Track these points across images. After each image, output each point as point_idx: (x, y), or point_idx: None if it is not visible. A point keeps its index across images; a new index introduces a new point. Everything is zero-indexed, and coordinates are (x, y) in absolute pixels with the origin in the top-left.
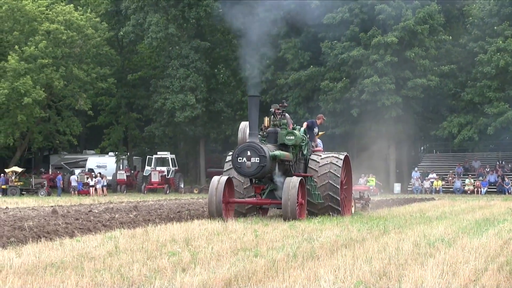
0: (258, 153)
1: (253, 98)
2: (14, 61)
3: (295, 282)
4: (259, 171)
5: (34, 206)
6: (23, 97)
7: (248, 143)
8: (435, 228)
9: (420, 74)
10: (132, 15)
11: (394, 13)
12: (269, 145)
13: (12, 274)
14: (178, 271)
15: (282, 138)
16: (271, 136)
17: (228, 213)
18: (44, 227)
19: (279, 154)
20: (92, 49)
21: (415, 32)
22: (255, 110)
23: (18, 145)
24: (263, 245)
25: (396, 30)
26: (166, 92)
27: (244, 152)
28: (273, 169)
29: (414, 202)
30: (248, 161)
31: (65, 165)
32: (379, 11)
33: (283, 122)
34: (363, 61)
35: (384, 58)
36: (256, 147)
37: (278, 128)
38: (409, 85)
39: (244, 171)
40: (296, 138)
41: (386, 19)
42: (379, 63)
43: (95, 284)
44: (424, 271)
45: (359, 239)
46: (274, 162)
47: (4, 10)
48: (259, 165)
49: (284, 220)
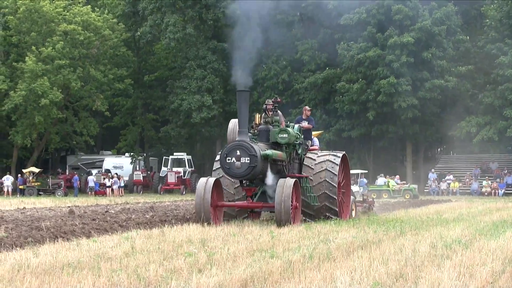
0: (248, 153)
1: (242, 93)
2: (32, 62)
3: (311, 283)
4: (249, 172)
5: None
6: (41, 98)
7: (237, 141)
8: (452, 230)
9: (437, 75)
10: (150, 16)
11: (411, 14)
12: (260, 144)
13: (30, 274)
14: (194, 271)
15: (275, 136)
16: (263, 134)
17: (217, 217)
18: (61, 227)
19: (271, 154)
20: (109, 50)
21: (432, 33)
22: (245, 106)
23: (36, 145)
24: (279, 246)
25: (413, 30)
26: (182, 93)
27: (233, 152)
28: (265, 169)
29: (430, 204)
30: (238, 161)
31: (82, 165)
32: (396, 12)
33: (275, 119)
34: (379, 61)
35: (400, 58)
36: (246, 146)
37: (270, 125)
38: (426, 86)
39: (233, 172)
40: (290, 136)
41: (403, 19)
42: (395, 64)
43: (111, 284)
44: (441, 273)
45: (375, 240)
46: (265, 162)
47: (22, 11)
48: (249, 166)
49: (277, 225)
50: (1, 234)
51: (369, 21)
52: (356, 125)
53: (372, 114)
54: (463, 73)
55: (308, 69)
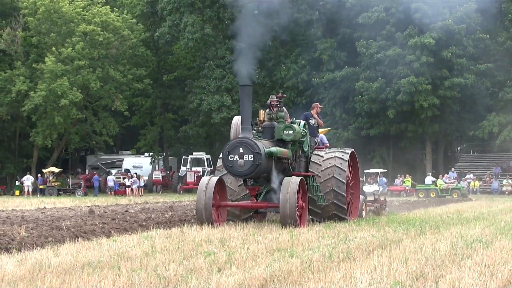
0: (251, 150)
1: (245, 87)
2: (51, 63)
3: (331, 282)
4: (253, 171)
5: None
6: (60, 99)
7: (240, 138)
8: (472, 229)
9: (457, 73)
10: (168, 16)
11: (431, 12)
12: (264, 141)
13: (50, 274)
14: (214, 271)
15: (279, 133)
16: (267, 131)
17: (220, 217)
18: (81, 227)
19: (275, 151)
20: (128, 50)
21: (452, 32)
22: (248, 101)
23: (56, 145)
24: (299, 245)
25: (434, 30)
26: (202, 93)
27: (235, 149)
28: (270, 168)
29: (451, 203)
30: (241, 159)
31: (101, 165)
32: (416, 10)
33: (280, 115)
34: (399, 60)
35: (420, 58)
36: (249, 143)
37: (275, 122)
38: (446, 85)
39: (236, 170)
40: (295, 133)
41: (423, 18)
42: (415, 64)
43: (132, 284)
44: (461, 272)
45: (395, 239)
46: (270, 160)
47: (42, 12)
48: (253, 164)
49: (282, 227)
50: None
51: (388, 20)
52: (375, 123)
53: (392, 113)
54: (482, 71)
55: (327, 68)
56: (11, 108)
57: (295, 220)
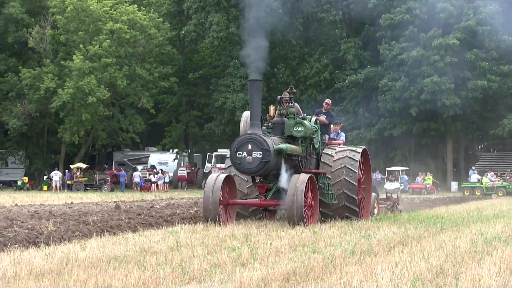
0: (260, 147)
1: (254, 82)
2: (79, 61)
3: (353, 278)
4: (261, 168)
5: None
6: (88, 96)
7: (248, 135)
8: (492, 226)
9: (480, 75)
10: (194, 15)
11: (456, 13)
12: (273, 138)
13: (77, 267)
14: (237, 266)
15: (290, 129)
16: (277, 127)
17: (228, 216)
18: (108, 222)
19: (285, 148)
20: (154, 49)
21: (476, 33)
22: (258, 96)
23: (83, 142)
24: (321, 241)
25: (458, 30)
26: (226, 91)
27: (244, 146)
28: (279, 165)
29: (471, 201)
30: (249, 155)
31: (127, 161)
32: (441, 10)
33: (290, 111)
34: (423, 60)
35: (444, 58)
36: (258, 139)
37: (285, 118)
38: (469, 86)
39: (244, 167)
40: (306, 129)
41: (447, 18)
42: (439, 64)
43: (157, 278)
44: (481, 269)
45: (416, 236)
46: (279, 157)
47: (70, 11)
48: (261, 161)
49: (289, 225)
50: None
51: (412, 21)
52: (398, 123)
53: (415, 111)
54: (505, 72)
55: (351, 67)
56: (39, 105)
57: (302, 219)
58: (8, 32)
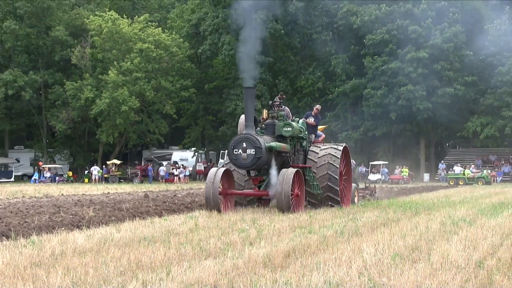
0: (253, 145)
1: (248, 89)
2: (114, 75)
3: (342, 254)
4: (255, 163)
5: (130, 191)
6: (121, 105)
7: (243, 134)
8: (458, 210)
9: (446, 83)
10: (209, 36)
11: (424, 33)
12: (265, 137)
13: (113, 246)
14: (246, 244)
15: (280, 129)
16: (269, 128)
17: (227, 204)
18: (138, 209)
19: (275, 145)
20: (176, 64)
21: (442, 49)
22: (251, 102)
23: (117, 142)
24: (316, 223)
25: (427, 47)
26: (237, 99)
27: (239, 144)
28: (270, 160)
29: (440, 189)
30: (244, 152)
31: (154, 158)
32: (412, 31)
33: (280, 114)
34: (399, 72)
35: (417, 70)
36: (252, 138)
37: (276, 120)
38: (439, 94)
39: (240, 163)
40: (294, 130)
41: (418, 37)
42: (413, 74)
43: (179, 255)
44: (449, 246)
45: (395, 219)
46: (270, 153)
47: (106, 33)
48: (255, 157)
49: (279, 212)
50: (90, 213)
51: (390, 40)
52: (379, 125)
53: (393, 115)
54: (468, 82)
55: (340, 79)
56: (81, 111)
57: (289, 207)
58: (55, 51)
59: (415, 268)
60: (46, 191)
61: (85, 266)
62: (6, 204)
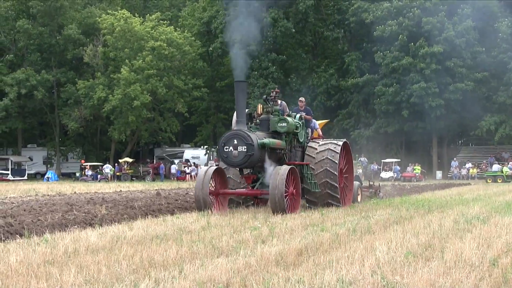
0: (245, 142)
1: (239, 83)
2: (126, 72)
3: (355, 252)
4: (246, 161)
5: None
6: (133, 101)
7: (234, 131)
8: (471, 208)
9: (459, 80)
10: (220, 34)
11: (439, 25)
12: (258, 133)
13: (126, 244)
14: (258, 242)
15: (274, 125)
16: (264, 124)
17: (220, 204)
18: (150, 206)
19: (268, 142)
20: (188, 63)
21: (454, 44)
22: (242, 96)
23: (129, 140)
24: (328, 221)
25: (439, 42)
26: (247, 98)
27: (230, 141)
28: (263, 158)
29: (453, 187)
30: (235, 150)
31: (166, 156)
32: (426, 23)
33: (275, 109)
34: (411, 68)
35: (430, 66)
36: (243, 135)
37: (271, 115)
38: (450, 89)
39: (230, 160)
40: (289, 125)
41: (432, 29)
42: (426, 71)
43: (192, 253)
44: (463, 244)
45: (407, 217)
46: (263, 150)
47: (118, 31)
48: (246, 154)
49: (273, 213)
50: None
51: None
52: (391, 122)
53: (406, 113)
54: (479, 78)
55: (353, 77)
56: (93, 110)
57: (283, 206)
58: (67, 50)
59: (428, 266)
60: (58, 189)
61: (98, 264)
62: (20, 202)
